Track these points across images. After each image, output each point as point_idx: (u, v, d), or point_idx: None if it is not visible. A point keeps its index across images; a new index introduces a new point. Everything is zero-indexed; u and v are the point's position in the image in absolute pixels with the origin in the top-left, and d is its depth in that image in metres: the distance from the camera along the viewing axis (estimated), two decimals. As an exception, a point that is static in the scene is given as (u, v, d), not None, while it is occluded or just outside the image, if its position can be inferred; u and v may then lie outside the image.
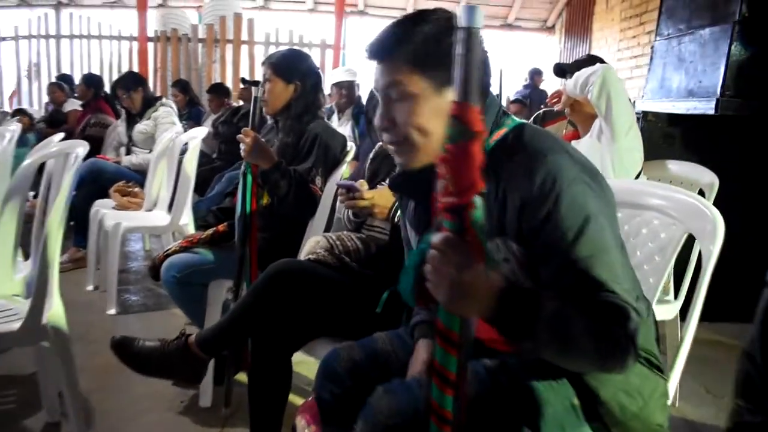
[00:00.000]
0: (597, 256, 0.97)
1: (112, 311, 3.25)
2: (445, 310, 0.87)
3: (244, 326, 1.72)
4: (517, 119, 1.15)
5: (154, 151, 3.99)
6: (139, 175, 4.11)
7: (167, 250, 2.31)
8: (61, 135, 2.52)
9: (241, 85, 6.14)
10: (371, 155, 2.09)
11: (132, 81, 4.34)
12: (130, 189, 3.82)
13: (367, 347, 1.41)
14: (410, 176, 1.18)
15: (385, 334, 1.47)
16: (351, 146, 2.43)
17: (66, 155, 1.96)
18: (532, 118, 3.24)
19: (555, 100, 2.74)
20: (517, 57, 10.40)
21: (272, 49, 8.15)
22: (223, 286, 2.27)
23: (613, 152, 2.43)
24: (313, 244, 1.82)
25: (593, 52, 8.46)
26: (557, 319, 0.93)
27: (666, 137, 3.59)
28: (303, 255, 1.82)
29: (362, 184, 1.84)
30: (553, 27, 10.27)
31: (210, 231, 2.32)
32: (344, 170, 2.39)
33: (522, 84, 8.29)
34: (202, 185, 4.87)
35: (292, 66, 2.37)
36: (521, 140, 1.08)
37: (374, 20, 10.33)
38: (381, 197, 1.78)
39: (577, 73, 2.47)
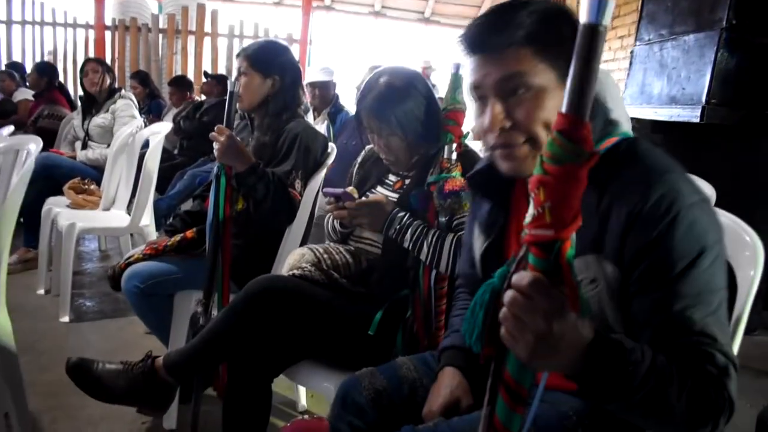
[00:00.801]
0: (703, 295, 0.84)
1: (65, 318, 3.01)
2: (519, 363, 0.74)
3: (220, 350, 1.54)
4: (625, 130, 1.04)
5: (112, 145, 3.74)
6: (95, 172, 3.86)
7: (128, 257, 2.10)
8: (11, 128, 2.28)
9: (204, 79, 5.88)
10: (359, 159, 1.93)
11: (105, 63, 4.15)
12: (86, 186, 3.57)
13: (389, 374, 1.27)
14: (493, 176, 1.07)
15: (409, 359, 1.32)
16: (332, 148, 2.26)
17: (16, 152, 1.74)
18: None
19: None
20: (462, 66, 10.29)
21: (236, 43, 7.87)
22: (191, 297, 2.08)
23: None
24: (298, 257, 1.64)
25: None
26: (652, 380, 0.79)
27: (649, 144, 3.50)
28: (286, 269, 1.65)
29: (353, 192, 1.67)
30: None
31: (177, 237, 2.11)
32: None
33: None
34: (162, 183, 4.63)
35: (270, 59, 2.18)
36: (636, 153, 0.96)
37: (340, 15, 10.15)
38: (374, 207, 1.62)
39: None
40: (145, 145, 3.44)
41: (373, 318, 1.54)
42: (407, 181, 1.76)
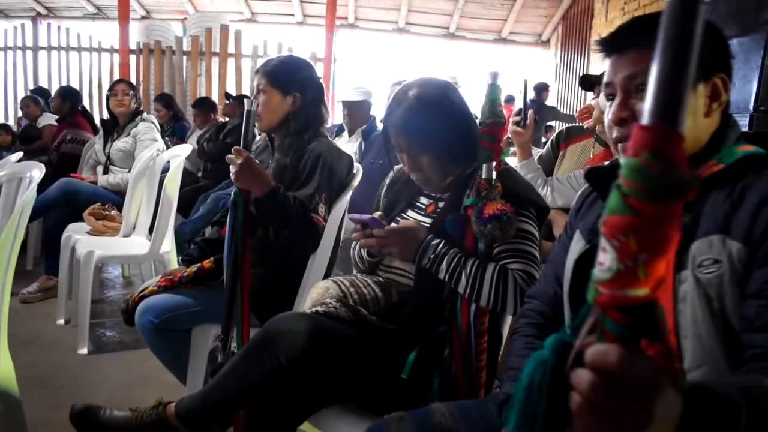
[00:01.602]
0: None
1: (84, 350, 2.88)
2: None
3: (237, 396, 1.38)
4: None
5: (133, 170, 3.65)
6: (117, 197, 3.77)
7: (143, 289, 1.96)
8: (20, 154, 2.18)
9: (225, 101, 5.80)
10: (387, 181, 1.77)
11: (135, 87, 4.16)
12: (107, 212, 3.47)
13: (421, 421, 1.13)
14: (613, 176, 0.95)
15: (445, 405, 1.16)
16: (358, 168, 2.11)
17: (19, 179, 1.62)
18: (554, 135, 2.94)
19: (585, 116, 2.44)
20: (511, 72, 10.17)
21: (260, 63, 7.82)
22: (209, 332, 1.94)
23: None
24: (321, 291, 1.48)
25: (592, 66, 8.25)
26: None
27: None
28: (308, 305, 1.49)
29: (381, 217, 1.52)
30: (548, 41, 10.05)
31: (194, 267, 1.98)
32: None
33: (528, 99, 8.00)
34: (186, 206, 4.55)
35: (290, 75, 2.05)
36: None
37: (364, 33, 10.09)
38: (405, 234, 1.46)
39: None
40: (167, 168, 3.34)
41: (407, 359, 1.38)
42: (441, 204, 1.60)
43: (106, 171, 3.98)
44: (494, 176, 1.43)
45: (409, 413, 1.16)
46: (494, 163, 1.43)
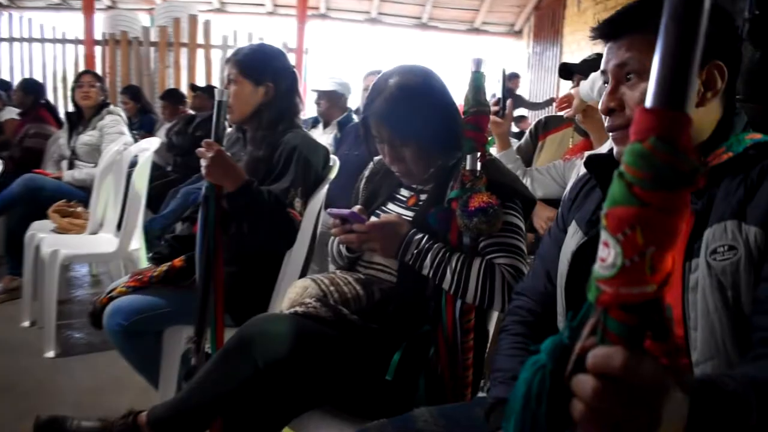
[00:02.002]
0: None
1: (51, 353, 2.77)
2: None
3: (212, 403, 1.31)
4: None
5: (99, 164, 3.52)
6: (83, 193, 3.64)
7: (110, 290, 1.87)
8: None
9: (193, 93, 5.66)
10: (366, 173, 1.70)
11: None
12: (72, 209, 3.35)
13: (405, 429, 1.06)
14: (611, 165, 1.01)
15: (428, 411, 1.10)
16: (334, 161, 2.04)
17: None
18: (532, 126, 2.89)
19: (564, 105, 2.39)
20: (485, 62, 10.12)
21: (231, 53, 7.66)
22: (182, 333, 1.86)
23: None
24: (299, 290, 1.41)
25: (565, 56, 8.24)
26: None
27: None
28: (286, 305, 1.41)
29: (361, 212, 1.45)
30: (520, 31, 10.03)
31: (164, 266, 1.89)
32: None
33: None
34: (155, 201, 4.41)
35: (262, 64, 1.97)
36: None
37: (336, 23, 9.96)
38: (387, 229, 1.39)
39: (593, 75, 2.13)
40: (135, 163, 3.23)
41: (391, 360, 1.32)
42: (422, 197, 1.53)
43: (71, 166, 3.84)
44: (479, 167, 1.37)
45: (391, 421, 1.10)
46: (479, 154, 1.37)
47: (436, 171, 1.50)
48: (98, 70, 7.42)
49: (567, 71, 2.60)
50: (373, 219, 1.45)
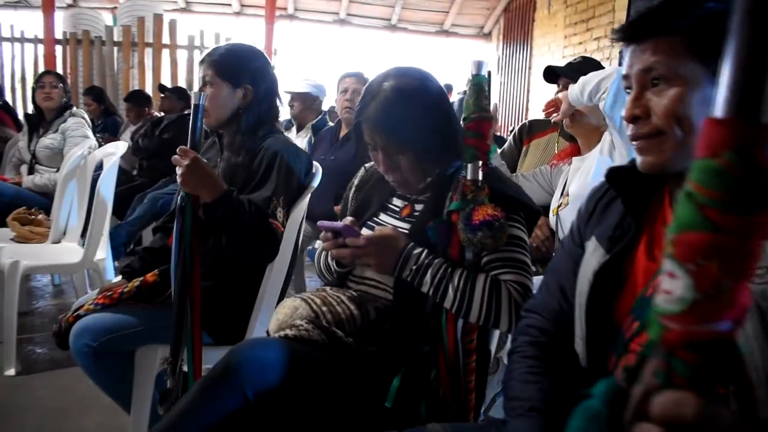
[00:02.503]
0: None
1: (11, 371, 2.60)
2: None
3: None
4: None
5: (62, 169, 3.36)
6: (44, 199, 3.47)
7: (77, 308, 1.74)
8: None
9: (161, 94, 5.48)
10: (356, 181, 1.60)
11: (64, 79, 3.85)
12: (33, 216, 3.17)
13: None
14: (634, 178, 0.97)
15: (441, 426, 1.03)
16: (317, 167, 1.93)
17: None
18: (516, 130, 2.82)
19: (551, 109, 2.32)
20: (454, 64, 10.14)
21: (197, 54, 7.46)
22: (156, 353, 1.73)
23: (629, 171, 2.06)
24: (289, 311, 1.30)
25: (535, 59, 8.25)
26: None
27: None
28: (274, 327, 1.31)
29: (353, 224, 1.34)
30: (489, 34, 10.02)
31: (136, 282, 1.76)
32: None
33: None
34: (121, 207, 4.25)
35: (239, 65, 1.85)
36: None
37: (304, 24, 9.82)
38: (384, 243, 1.29)
39: (583, 79, 2.06)
40: (99, 167, 3.07)
41: (389, 384, 1.22)
42: (417, 207, 1.44)
43: (31, 171, 3.67)
44: (480, 177, 1.28)
45: None
46: (480, 163, 1.28)
47: (432, 180, 1.41)
48: (59, 71, 7.18)
49: (552, 74, 2.53)
50: (366, 232, 1.35)
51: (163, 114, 5.24)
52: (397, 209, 1.47)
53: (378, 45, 10.38)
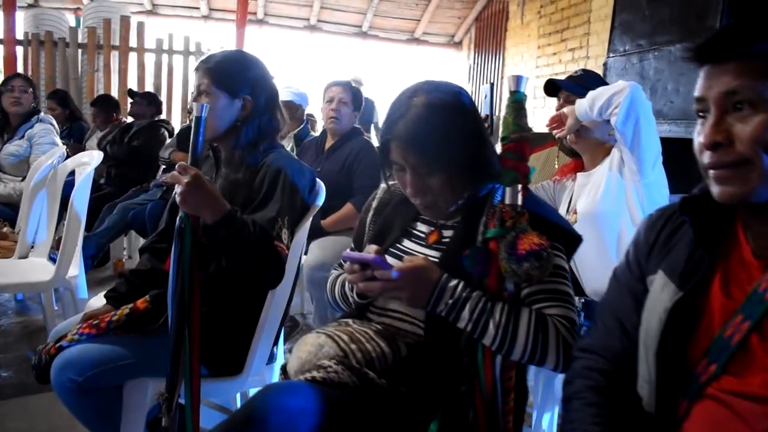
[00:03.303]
0: None
1: (-26, 398, 2.42)
2: None
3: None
4: None
5: (29, 178, 3.15)
6: (8, 210, 3.27)
7: (58, 339, 1.58)
8: None
9: (129, 99, 5.26)
10: (374, 204, 1.48)
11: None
12: (-2, 229, 2.98)
13: None
14: (707, 207, 0.92)
15: None
16: (320, 184, 1.81)
17: None
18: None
19: (555, 125, 2.23)
20: (424, 72, 10.09)
21: (165, 58, 7.23)
22: (147, 388, 1.59)
23: (640, 188, 1.99)
24: (313, 349, 1.17)
25: (507, 69, 8.24)
26: None
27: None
28: (296, 367, 1.18)
29: (379, 252, 1.23)
30: (460, 42, 10.00)
31: (125, 309, 1.61)
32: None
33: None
34: (89, 217, 4.04)
35: (238, 74, 1.73)
36: None
37: (273, 30, 9.67)
38: (418, 276, 1.18)
39: (592, 93, 1.99)
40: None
41: (424, 427, 1.11)
42: (446, 233, 1.33)
43: (-6, 180, 3.46)
44: (520, 201, 1.18)
45: None
46: (520, 186, 1.18)
47: (463, 204, 1.30)
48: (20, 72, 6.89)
49: (554, 88, 2.45)
50: (391, 261, 1.23)
51: (132, 120, 5.04)
52: (423, 235, 1.36)
53: (348, 52, 10.30)
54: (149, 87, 7.08)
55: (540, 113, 6.51)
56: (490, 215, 1.21)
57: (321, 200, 1.76)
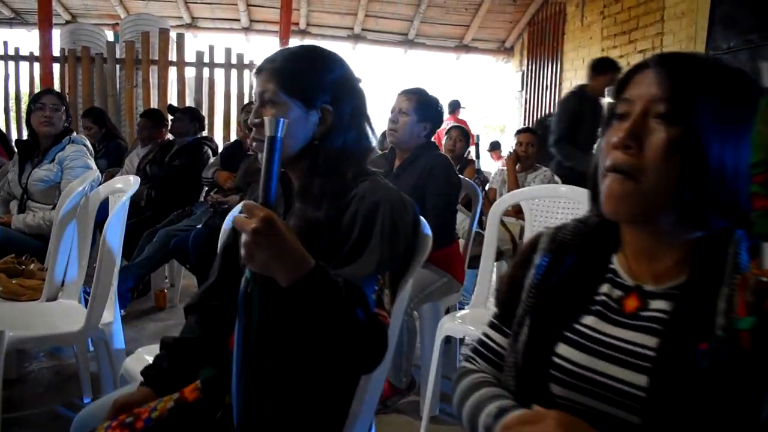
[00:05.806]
0: None
1: (-9, 472, 2.03)
2: None
3: None
4: None
5: (59, 207, 2.78)
6: (38, 242, 2.89)
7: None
8: None
9: (170, 116, 4.90)
10: (537, 259, 1.02)
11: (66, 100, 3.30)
12: (24, 266, 2.60)
13: None
14: None
15: None
16: (425, 224, 1.35)
17: None
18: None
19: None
20: (474, 80, 9.66)
21: (206, 72, 6.89)
22: None
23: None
24: None
25: (566, 74, 7.74)
26: None
27: None
28: None
29: None
30: (512, 48, 9.52)
31: (169, 400, 1.17)
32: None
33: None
34: (127, 245, 3.67)
35: (312, 77, 1.28)
36: None
37: (316, 41, 9.33)
38: None
39: None
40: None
41: None
42: (655, 302, 0.85)
43: (22, 208, 3.08)
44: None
45: None
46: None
47: (685, 255, 0.83)
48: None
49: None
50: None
51: (173, 138, 4.68)
52: (614, 303, 0.89)
53: (392, 61, 9.93)
54: (189, 102, 6.76)
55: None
56: (737, 285, 0.75)
57: (428, 247, 1.29)
